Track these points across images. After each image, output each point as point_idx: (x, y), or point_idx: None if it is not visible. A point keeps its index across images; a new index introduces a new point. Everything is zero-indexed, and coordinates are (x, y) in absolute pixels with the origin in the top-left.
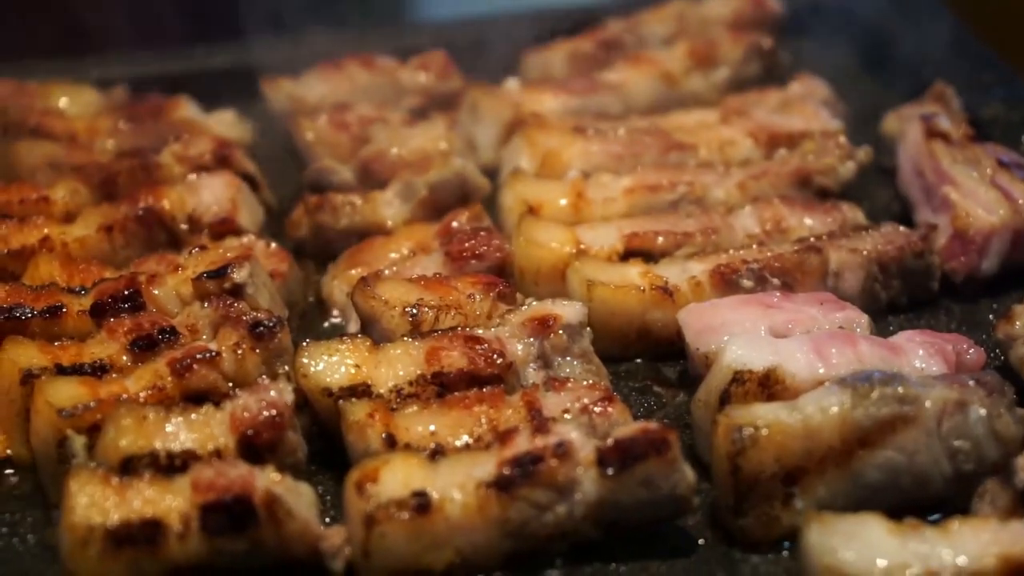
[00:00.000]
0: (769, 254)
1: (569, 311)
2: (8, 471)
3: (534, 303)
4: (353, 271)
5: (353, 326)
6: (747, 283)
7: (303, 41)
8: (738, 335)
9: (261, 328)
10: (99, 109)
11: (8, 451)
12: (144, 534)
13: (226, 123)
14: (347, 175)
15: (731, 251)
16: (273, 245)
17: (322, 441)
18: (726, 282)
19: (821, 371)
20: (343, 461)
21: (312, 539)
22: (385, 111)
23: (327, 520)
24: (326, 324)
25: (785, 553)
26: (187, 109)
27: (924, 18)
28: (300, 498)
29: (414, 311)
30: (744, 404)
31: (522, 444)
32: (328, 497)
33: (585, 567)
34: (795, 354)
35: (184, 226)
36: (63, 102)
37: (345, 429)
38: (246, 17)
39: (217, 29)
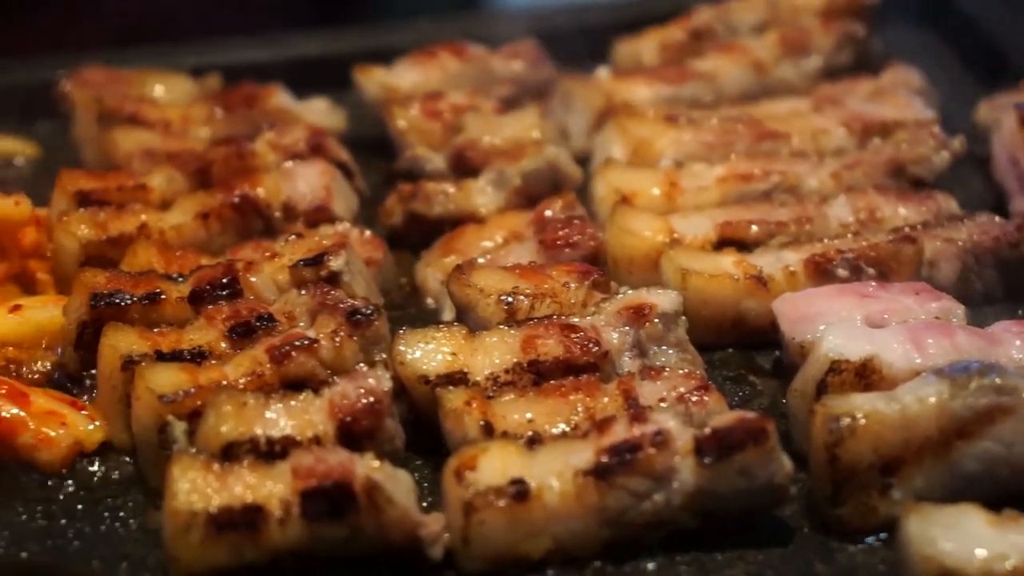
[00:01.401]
0: (864, 244)
1: (664, 300)
2: (110, 456)
3: (629, 292)
4: (447, 259)
5: (448, 314)
6: (842, 272)
7: (389, 29)
8: (834, 325)
9: (358, 316)
10: (193, 97)
11: (109, 436)
12: (245, 520)
13: (319, 111)
14: (439, 163)
15: (825, 240)
16: (367, 233)
17: (417, 428)
18: (821, 272)
19: (918, 361)
20: (438, 448)
21: (411, 526)
22: (477, 99)
23: (423, 506)
24: (420, 312)
25: (882, 543)
26: (280, 97)
27: (1018, 4)
28: (399, 485)
29: (509, 299)
30: (841, 394)
31: (620, 432)
32: (425, 484)
33: (681, 555)
34: (892, 344)
35: (279, 214)
36: (157, 90)
37: (442, 416)
38: (335, 5)
39: (308, 17)
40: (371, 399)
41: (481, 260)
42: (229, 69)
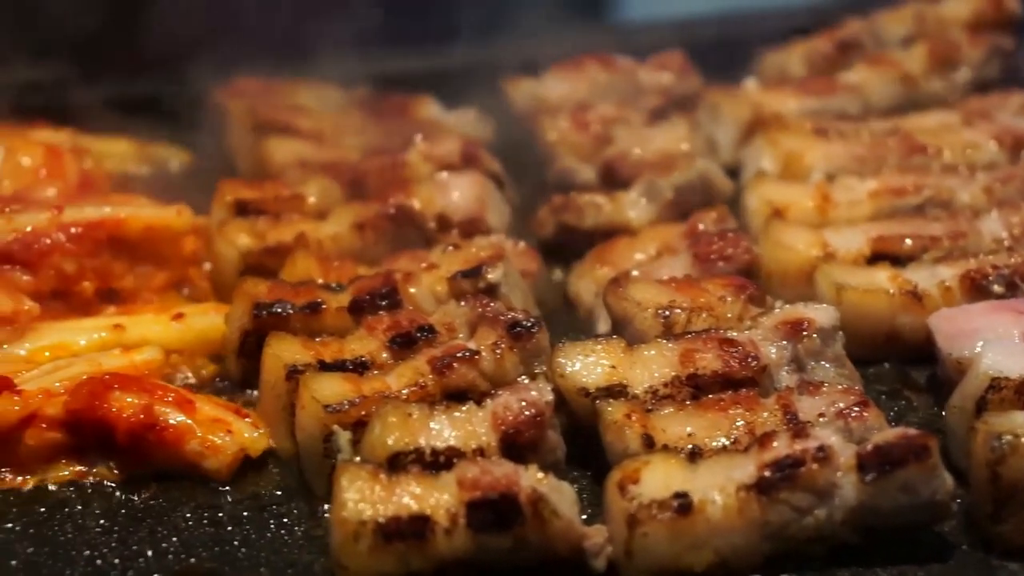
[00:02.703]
0: (1019, 259)
1: (822, 315)
2: (272, 464)
3: (786, 306)
4: (599, 271)
5: (602, 326)
6: (997, 288)
7: (532, 40)
8: (993, 341)
9: (519, 328)
10: (343, 107)
11: (272, 444)
12: (413, 529)
13: (467, 121)
14: (589, 175)
15: (980, 256)
16: (522, 244)
17: (573, 440)
18: (976, 287)
19: None
20: (596, 460)
21: (575, 538)
22: (625, 111)
23: (582, 518)
24: (573, 323)
25: None
26: (430, 108)
27: None
28: (563, 497)
29: (667, 313)
30: (1001, 411)
31: (782, 448)
32: (584, 495)
33: (842, 570)
34: None
35: (433, 224)
36: (308, 100)
37: (603, 429)
38: (479, 17)
39: (450, 28)
40: (534, 411)
41: (634, 272)
42: (376, 79)
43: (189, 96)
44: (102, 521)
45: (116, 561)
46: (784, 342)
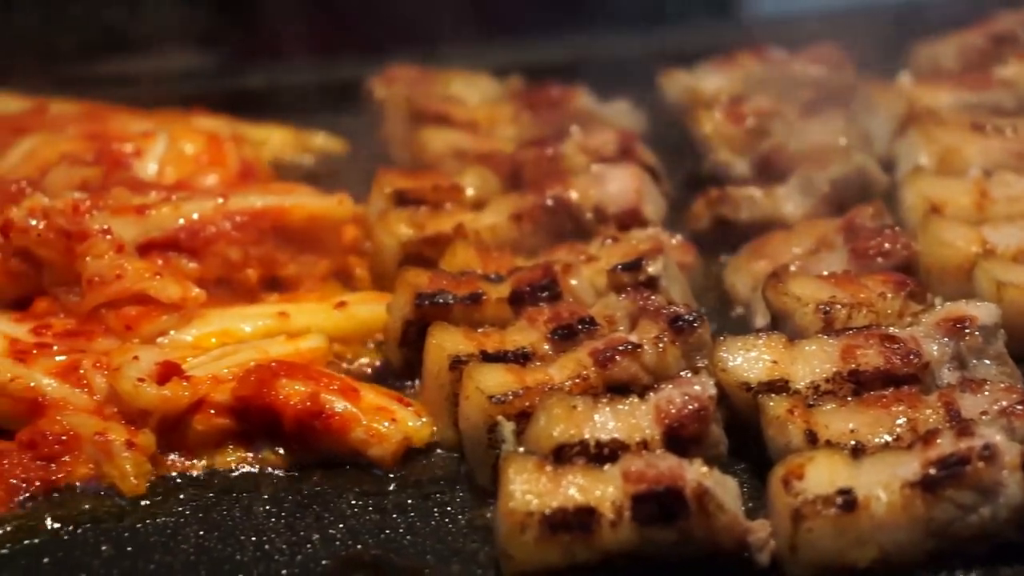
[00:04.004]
0: None
1: (984, 312)
2: (435, 452)
3: (947, 303)
4: (756, 264)
5: (760, 320)
6: None
7: (683, 30)
8: None
9: (681, 322)
10: (496, 97)
11: (435, 434)
12: (579, 521)
13: (621, 113)
14: (744, 168)
15: None
16: (678, 237)
17: (732, 433)
18: None
19: None
20: (756, 454)
21: (740, 532)
22: (780, 104)
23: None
24: (728, 316)
25: None
26: (584, 99)
27: None
28: (727, 491)
29: (827, 308)
30: None
31: (946, 445)
32: (744, 489)
33: (1004, 569)
34: None
35: (589, 216)
36: (462, 89)
37: (765, 424)
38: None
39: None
40: (697, 405)
41: (792, 267)
42: (527, 69)
43: (343, 84)
44: (269, 506)
45: (283, 546)
46: (946, 339)
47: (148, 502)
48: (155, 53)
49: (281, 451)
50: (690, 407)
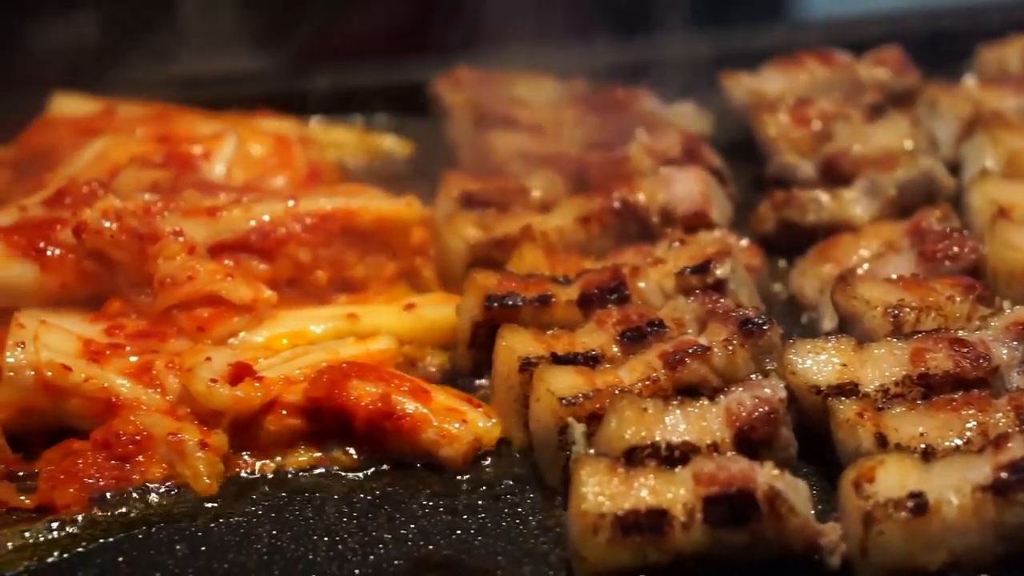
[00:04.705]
0: None
1: None
2: (505, 454)
3: (1016, 307)
4: (823, 267)
5: (827, 323)
6: None
7: (745, 32)
8: None
9: (751, 325)
10: (561, 100)
11: (505, 434)
12: (650, 523)
13: (686, 115)
14: (809, 170)
15: None
16: (745, 240)
17: (803, 437)
18: None
19: None
20: (825, 457)
21: (811, 535)
22: (845, 107)
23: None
24: (796, 319)
25: None
26: (649, 101)
27: None
28: (799, 494)
29: (896, 312)
30: None
31: (1017, 449)
32: (814, 491)
33: None
34: None
35: (656, 219)
36: (527, 92)
37: (835, 427)
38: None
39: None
40: (767, 408)
41: (859, 271)
42: (591, 71)
43: (408, 87)
44: (341, 507)
45: (356, 547)
46: (1015, 343)
47: (221, 502)
48: (220, 54)
49: (352, 452)
50: (760, 410)
